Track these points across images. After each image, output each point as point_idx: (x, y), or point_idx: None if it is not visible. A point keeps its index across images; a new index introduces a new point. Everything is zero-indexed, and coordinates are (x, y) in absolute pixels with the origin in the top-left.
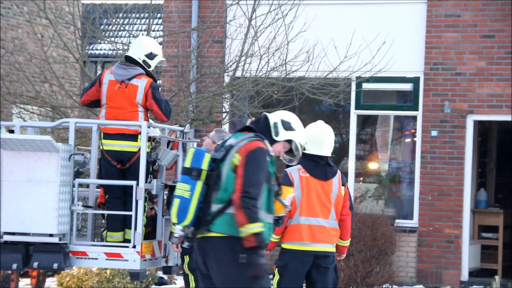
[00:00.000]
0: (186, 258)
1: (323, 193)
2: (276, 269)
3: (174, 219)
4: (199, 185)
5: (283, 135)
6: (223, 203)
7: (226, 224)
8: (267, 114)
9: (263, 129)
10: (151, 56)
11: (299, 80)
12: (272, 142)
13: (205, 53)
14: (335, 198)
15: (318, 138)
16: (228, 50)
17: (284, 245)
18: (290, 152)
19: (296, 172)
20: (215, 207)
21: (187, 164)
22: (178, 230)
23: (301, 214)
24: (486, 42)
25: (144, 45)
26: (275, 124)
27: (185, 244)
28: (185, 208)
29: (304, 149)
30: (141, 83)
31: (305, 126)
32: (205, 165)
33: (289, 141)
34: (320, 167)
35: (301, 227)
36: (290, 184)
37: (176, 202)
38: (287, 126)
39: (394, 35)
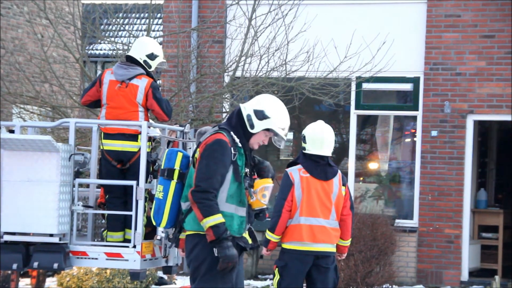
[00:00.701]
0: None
1: (323, 193)
2: (276, 269)
3: (154, 221)
4: (173, 184)
5: (258, 126)
6: (189, 200)
7: (193, 221)
8: (240, 106)
9: (237, 124)
10: (152, 56)
11: (299, 80)
12: (250, 135)
13: (205, 53)
14: (336, 198)
15: (318, 138)
16: (228, 50)
17: (284, 245)
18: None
19: (296, 172)
20: (183, 205)
21: (162, 165)
22: (159, 232)
23: (301, 214)
24: (486, 42)
25: (146, 45)
26: (248, 117)
27: (169, 245)
28: (160, 209)
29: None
30: (142, 83)
31: (305, 126)
32: (177, 164)
33: (268, 129)
34: (320, 167)
35: (302, 227)
36: (290, 184)
37: (153, 204)
38: (261, 116)
39: (394, 35)
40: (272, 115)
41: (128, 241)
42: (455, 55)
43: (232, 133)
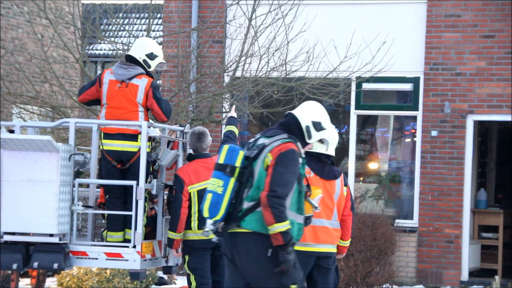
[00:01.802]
0: (186, 258)
1: (326, 193)
2: None
3: (206, 213)
4: (232, 181)
5: (315, 137)
6: (255, 201)
7: (256, 221)
8: (296, 115)
9: (295, 132)
10: (151, 56)
11: (299, 80)
12: (305, 144)
13: (205, 53)
14: (338, 199)
15: (326, 138)
16: (228, 50)
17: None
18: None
19: None
20: (246, 204)
21: (221, 160)
22: (208, 225)
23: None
24: (486, 42)
25: (146, 45)
26: (307, 128)
27: (214, 238)
28: (218, 203)
29: None
30: (142, 83)
31: None
32: (238, 162)
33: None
34: (327, 167)
35: (305, 228)
36: None
37: (208, 197)
38: (319, 128)
39: (394, 35)
40: (327, 126)
41: (128, 241)
42: (455, 55)
43: (298, 143)
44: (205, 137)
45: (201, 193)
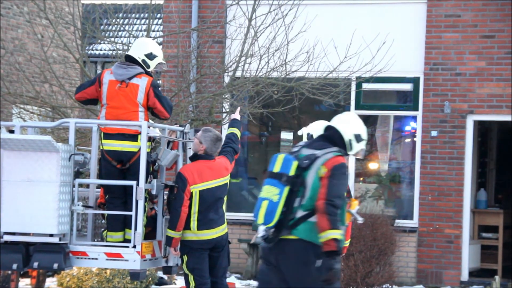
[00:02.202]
0: (185, 258)
1: None
2: None
3: (260, 220)
4: (286, 190)
5: (356, 148)
6: (308, 211)
7: (308, 231)
8: (338, 130)
9: (339, 145)
10: (151, 56)
11: (299, 80)
12: (346, 155)
13: (205, 53)
14: None
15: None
16: (228, 50)
17: None
18: None
19: None
20: (299, 213)
21: (276, 169)
22: (261, 231)
23: None
24: (486, 42)
25: (145, 45)
26: (350, 142)
27: (262, 244)
28: (273, 211)
29: None
30: (142, 82)
31: (305, 126)
32: (292, 172)
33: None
34: None
35: None
36: None
37: (264, 204)
38: (359, 139)
39: (394, 35)
40: (365, 137)
41: (128, 241)
42: (455, 55)
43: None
44: (221, 142)
45: (203, 194)
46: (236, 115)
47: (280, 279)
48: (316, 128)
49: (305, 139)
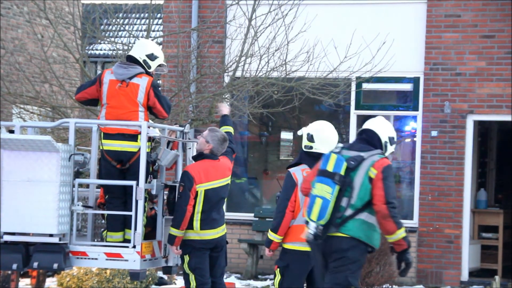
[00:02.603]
0: (186, 258)
1: None
2: (278, 269)
3: (314, 216)
4: (337, 189)
5: (389, 150)
6: (356, 209)
7: (357, 228)
8: (376, 132)
9: (378, 146)
10: (152, 57)
11: (299, 80)
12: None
13: (205, 53)
14: None
15: (330, 137)
16: (228, 50)
17: (286, 245)
18: None
19: (299, 172)
20: (348, 212)
21: (330, 168)
22: (312, 228)
23: (304, 214)
24: (486, 42)
25: (146, 46)
26: (385, 144)
27: (312, 241)
28: (325, 208)
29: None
30: (142, 82)
31: (305, 126)
32: (343, 172)
33: None
34: None
35: (305, 228)
36: (294, 184)
37: (318, 202)
38: (393, 142)
39: (394, 35)
40: (396, 140)
41: (128, 241)
42: (455, 55)
43: None
44: (227, 143)
45: (208, 193)
46: (225, 110)
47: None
48: (316, 128)
49: (305, 139)
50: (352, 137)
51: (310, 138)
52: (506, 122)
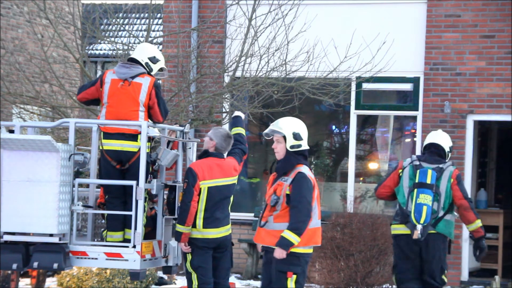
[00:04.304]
0: (189, 256)
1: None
2: (294, 276)
3: (423, 220)
4: (433, 196)
5: (449, 157)
6: (445, 211)
7: (445, 226)
8: (442, 146)
9: (443, 156)
10: (154, 59)
11: (299, 80)
12: None
13: (205, 53)
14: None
15: (306, 133)
16: (228, 50)
17: (302, 250)
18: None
19: (310, 173)
20: (440, 213)
21: (428, 181)
22: (419, 228)
23: (319, 217)
24: (486, 42)
25: (149, 49)
26: (448, 153)
27: (421, 238)
28: (429, 213)
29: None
30: (145, 81)
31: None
32: (434, 181)
33: None
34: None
35: (319, 231)
36: (312, 186)
37: (424, 208)
38: (451, 150)
39: (394, 35)
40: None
41: (128, 241)
42: (455, 55)
43: None
44: (231, 139)
45: (211, 191)
46: (238, 112)
47: (417, 269)
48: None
49: (291, 139)
50: (353, 137)
51: (298, 137)
52: (506, 122)
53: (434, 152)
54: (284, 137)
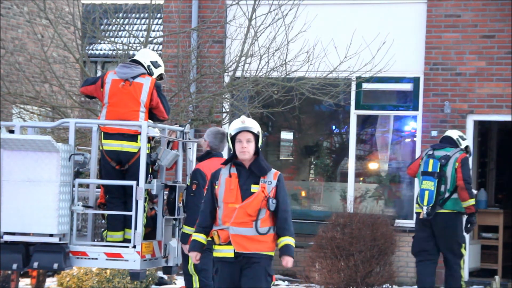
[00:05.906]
0: (191, 259)
1: None
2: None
3: (425, 202)
4: (436, 182)
5: (463, 145)
6: (451, 192)
7: (453, 204)
8: (452, 137)
9: (453, 145)
10: (156, 64)
11: (299, 80)
12: None
13: (205, 53)
14: None
15: None
16: (228, 50)
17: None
18: None
19: None
20: (446, 194)
21: (430, 169)
22: (425, 210)
23: None
24: (486, 42)
25: (150, 54)
26: (459, 141)
27: (426, 218)
28: (432, 196)
29: None
30: (146, 82)
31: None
32: (438, 169)
33: None
34: None
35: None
36: None
37: (426, 193)
38: (464, 139)
39: (394, 35)
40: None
41: (128, 241)
42: (455, 55)
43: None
44: (224, 137)
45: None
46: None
47: (430, 239)
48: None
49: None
50: (353, 137)
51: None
52: (506, 122)
53: (445, 142)
54: (257, 136)
